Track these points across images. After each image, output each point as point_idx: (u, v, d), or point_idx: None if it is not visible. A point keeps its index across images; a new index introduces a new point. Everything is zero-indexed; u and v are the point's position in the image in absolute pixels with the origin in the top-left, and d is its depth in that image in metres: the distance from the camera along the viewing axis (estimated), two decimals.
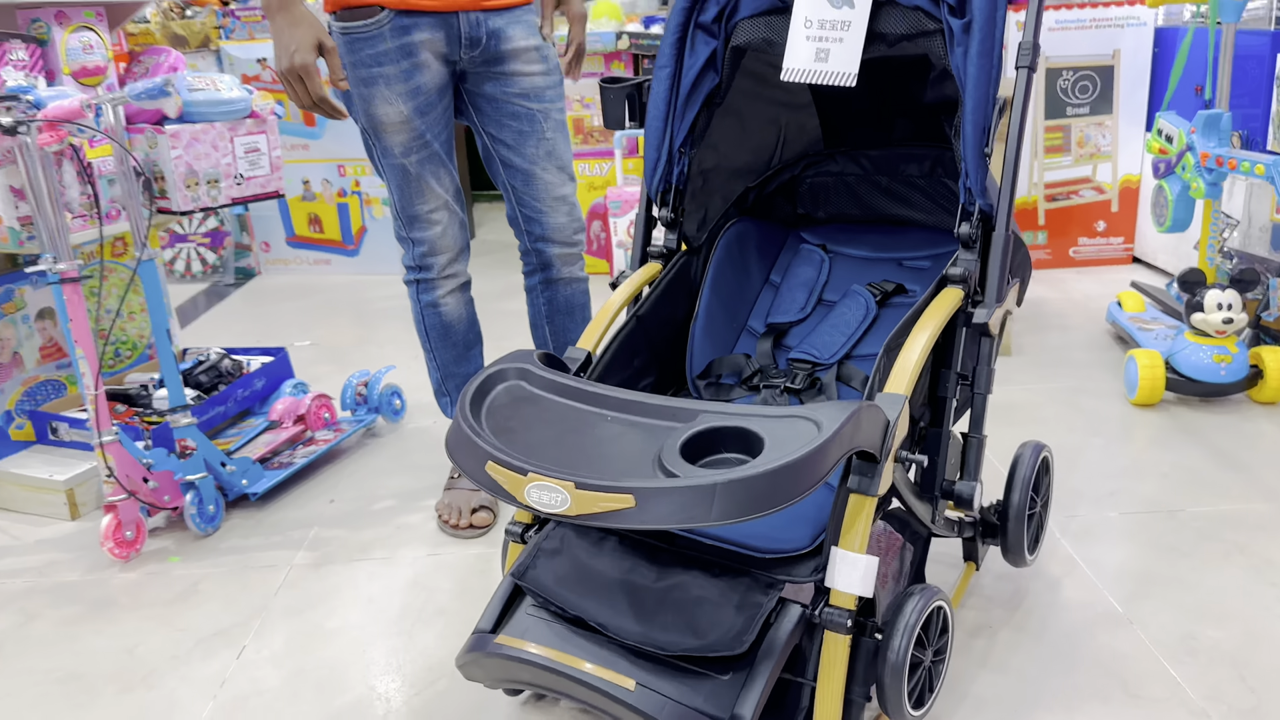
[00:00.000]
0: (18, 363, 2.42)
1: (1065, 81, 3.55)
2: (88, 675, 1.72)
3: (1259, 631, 1.65)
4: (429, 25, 1.88)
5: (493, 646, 1.30)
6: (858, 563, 1.23)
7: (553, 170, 2.06)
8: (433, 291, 2.10)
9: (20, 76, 2.19)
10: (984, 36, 1.41)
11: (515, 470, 1.11)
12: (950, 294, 1.47)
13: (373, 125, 1.95)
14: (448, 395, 2.23)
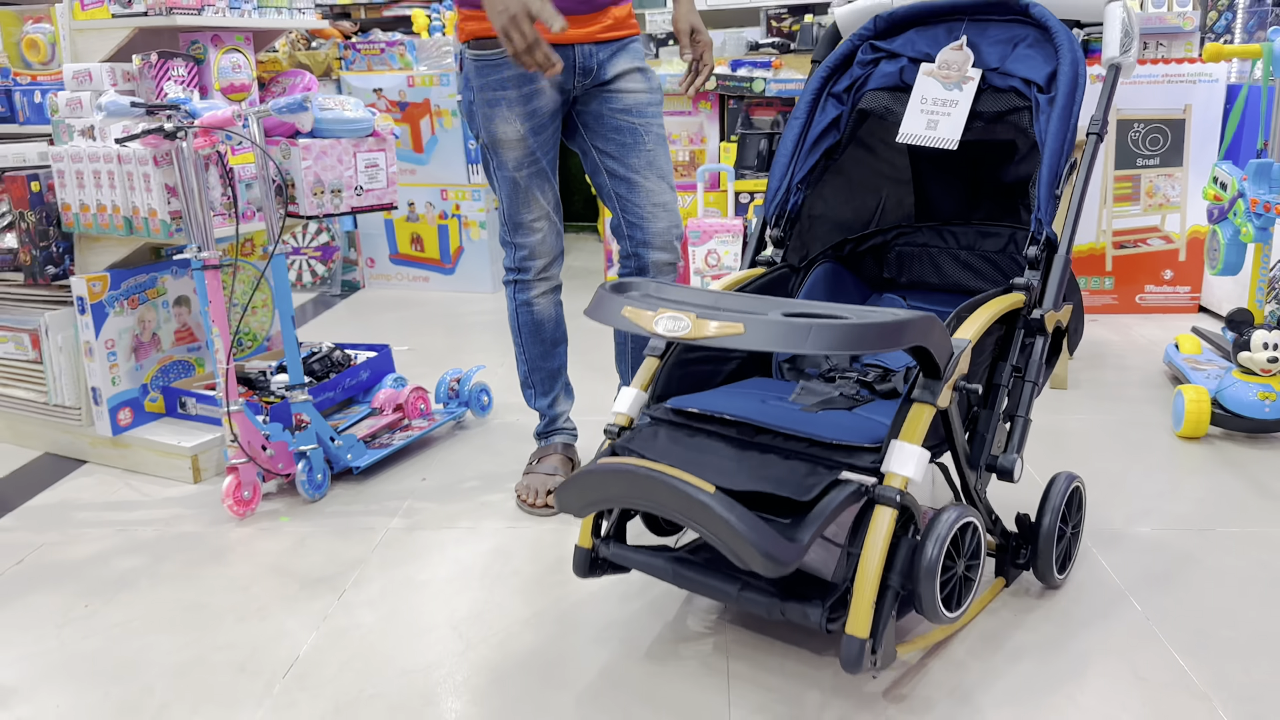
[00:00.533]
0: (156, 343, 2.73)
1: (1136, 133, 3.68)
2: (210, 606, 1.98)
3: (1270, 633, 1.77)
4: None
5: (596, 465, 1.52)
6: (912, 452, 1.47)
7: (654, 179, 2.25)
8: (528, 291, 2.32)
9: (179, 90, 2.51)
10: (1064, 105, 1.76)
11: (646, 308, 1.37)
12: (1014, 296, 1.75)
13: (492, 141, 2.18)
14: (533, 388, 2.44)
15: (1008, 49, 1.87)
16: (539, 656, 1.77)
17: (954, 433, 1.62)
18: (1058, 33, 1.81)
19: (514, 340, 2.42)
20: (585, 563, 1.77)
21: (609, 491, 1.54)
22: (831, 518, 1.46)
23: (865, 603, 1.45)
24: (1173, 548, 2.08)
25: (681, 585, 1.68)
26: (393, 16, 5.16)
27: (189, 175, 2.29)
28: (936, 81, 1.91)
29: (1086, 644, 1.75)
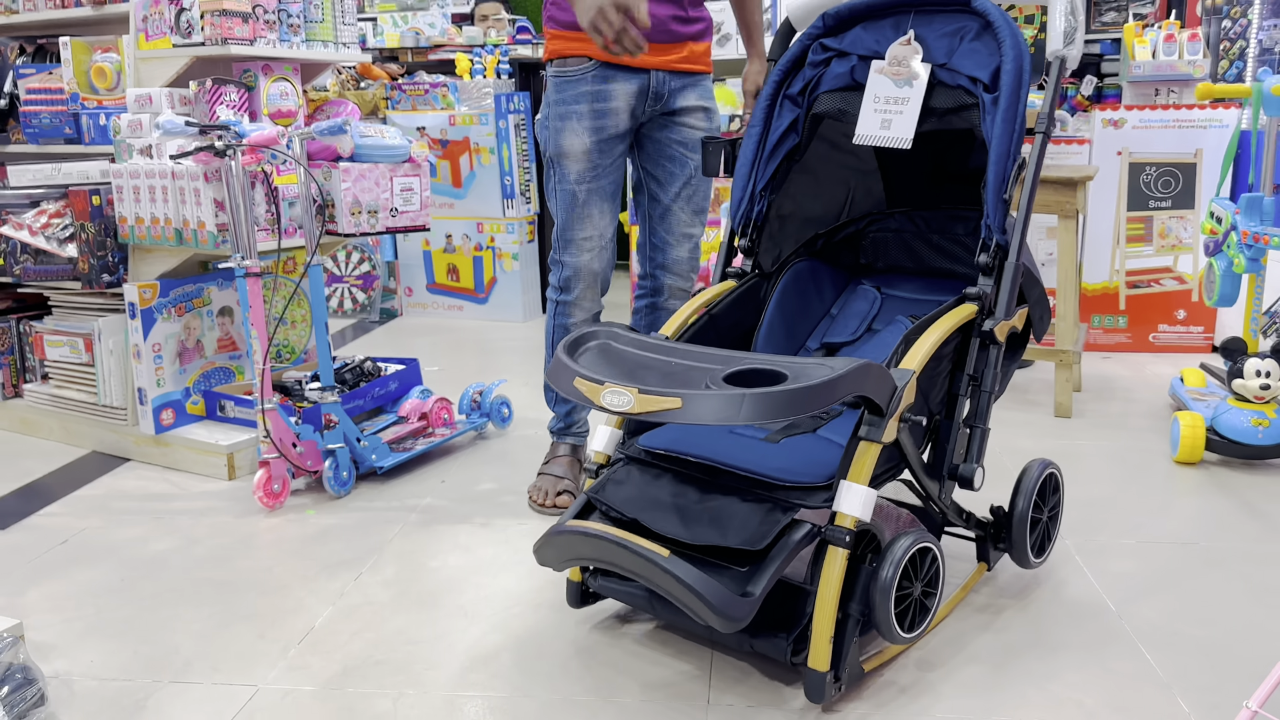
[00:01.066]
0: (200, 350, 2.91)
1: (1148, 176, 3.78)
2: (234, 582, 2.12)
3: (1238, 633, 1.84)
4: (624, 78, 2.25)
5: (564, 527, 1.63)
6: (860, 492, 1.55)
7: (688, 211, 2.41)
8: (567, 316, 2.41)
9: (230, 114, 2.71)
10: (1007, 106, 1.77)
11: (594, 382, 1.47)
12: (966, 308, 1.79)
13: (558, 152, 2.30)
14: (554, 393, 2.57)
15: (955, 41, 1.87)
16: (535, 633, 1.88)
17: (908, 456, 1.69)
18: (999, 25, 1.80)
19: (547, 352, 2.54)
20: (576, 595, 1.90)
21: (579, 552, 1.66)
22: (785, 564, 1.54)
23: (823, 639, 1.55)
24: (1155, 559, 2.15)
25: (659, 617, 1.79)
26: (437, 60, 5.41)
27: (235, 190, 2.47)
28: (888, 79, 1.93)
29: (1060, 638, 1.83)
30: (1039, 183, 1.92)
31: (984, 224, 1.80)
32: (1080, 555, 2.16)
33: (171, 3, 2.73)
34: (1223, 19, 3.99)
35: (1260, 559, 2.14)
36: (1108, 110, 3.80)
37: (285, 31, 2.81)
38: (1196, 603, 1.96)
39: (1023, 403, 3.29)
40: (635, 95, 2.27)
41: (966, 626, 1.88)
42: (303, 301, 3.24)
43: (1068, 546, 2.20)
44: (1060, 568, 2.10)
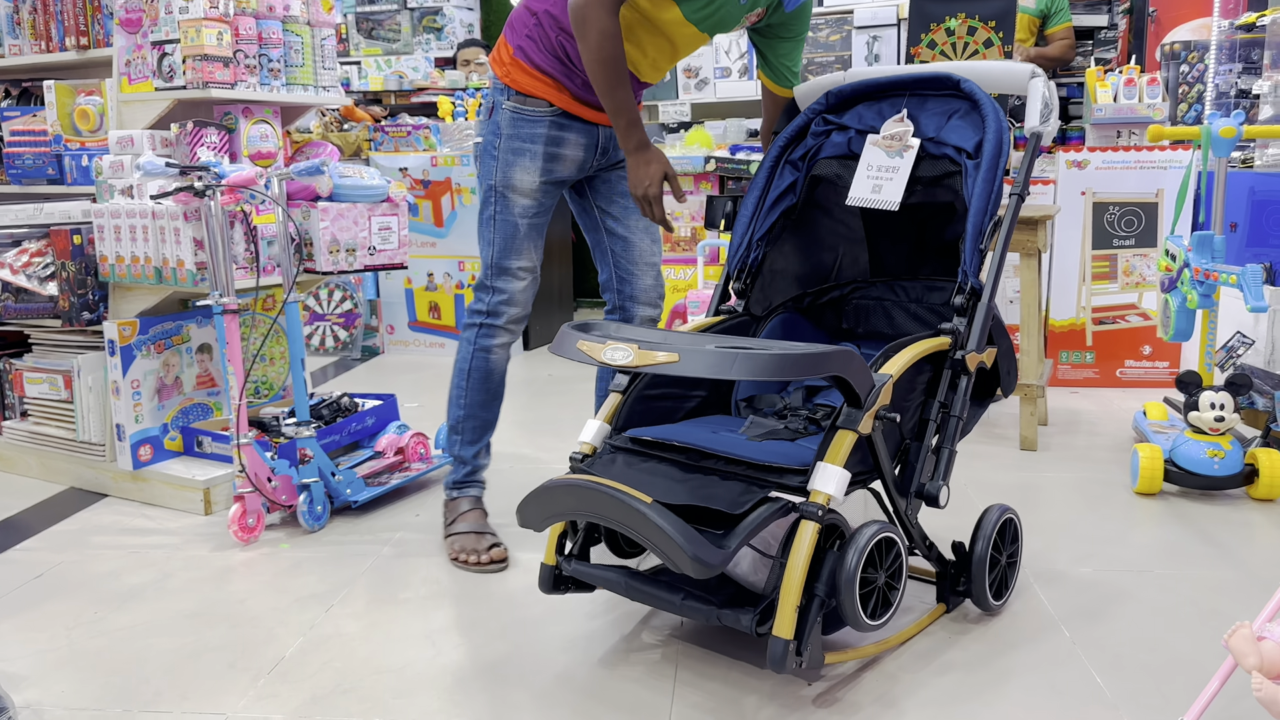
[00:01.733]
0: (178, 386, 2.95)
1: (1112, 215, 3.87)
2: (207, 614, 2.15)
3: (1186, 658, 1.89)
4: (580, 130, 2.32)
5: (549, 481, 1.71)
6: (834, 473, 1.65)
7: (647, 241, 2.48)
8: (491, 338, 2.39)
9: (211, 155, 2.77)
10: (988, 169, 1.96)
11: (597, 341, 1.59)
12: (941, 339, 1.93)
13: (506, 185, 2.31)
14: (461, 435, 2.46)
15: (943, 120, 2.07)
16: (503, 662, 1.92)
17: (880, 460, 1.78)
18: (984, 105, 2.01)
19: (455, 384, 2.45)
20: (550, 579, 1.93)
21: (561, 505, 1.73)
22: (758, 529, 1.62)
23: (790, 606, 1.60)
24: (1109, 585, 2.20)
25: (632, 597, 1.84)
26: (420, 103, 5.51)
27: (214, 230, 2.53)
28: (881, 150, 2.10)
29: (1012, 662, 1.88)
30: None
31: (961, 270, 1.96)
32: (1037, 582, 2.21)
33: (154, 47, 2.80)
34: (1180, 64, 4.11)
35: (1210, 585, 2.19)
36: (1071, 151, 3.91)
37: (266, 75, 2.88)
38: (1146, 626, 2.01)
39: (989, 436, 3.35)
40: (586, 148, 2.34)
41: (924, 647, 1.92)
42: (281, 338, 3.29)
43: (1025, 573, 2.25)
44: (1018, 593, 2.15)
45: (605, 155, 2.39)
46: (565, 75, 2.27)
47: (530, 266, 2.40)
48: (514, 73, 2.31)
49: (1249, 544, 2.42)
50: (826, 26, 5.06)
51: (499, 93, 2.34)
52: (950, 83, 2.09)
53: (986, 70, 2.13)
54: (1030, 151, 2.06)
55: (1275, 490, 2.65)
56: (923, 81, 2.12)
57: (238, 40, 2.80)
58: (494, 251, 2.37)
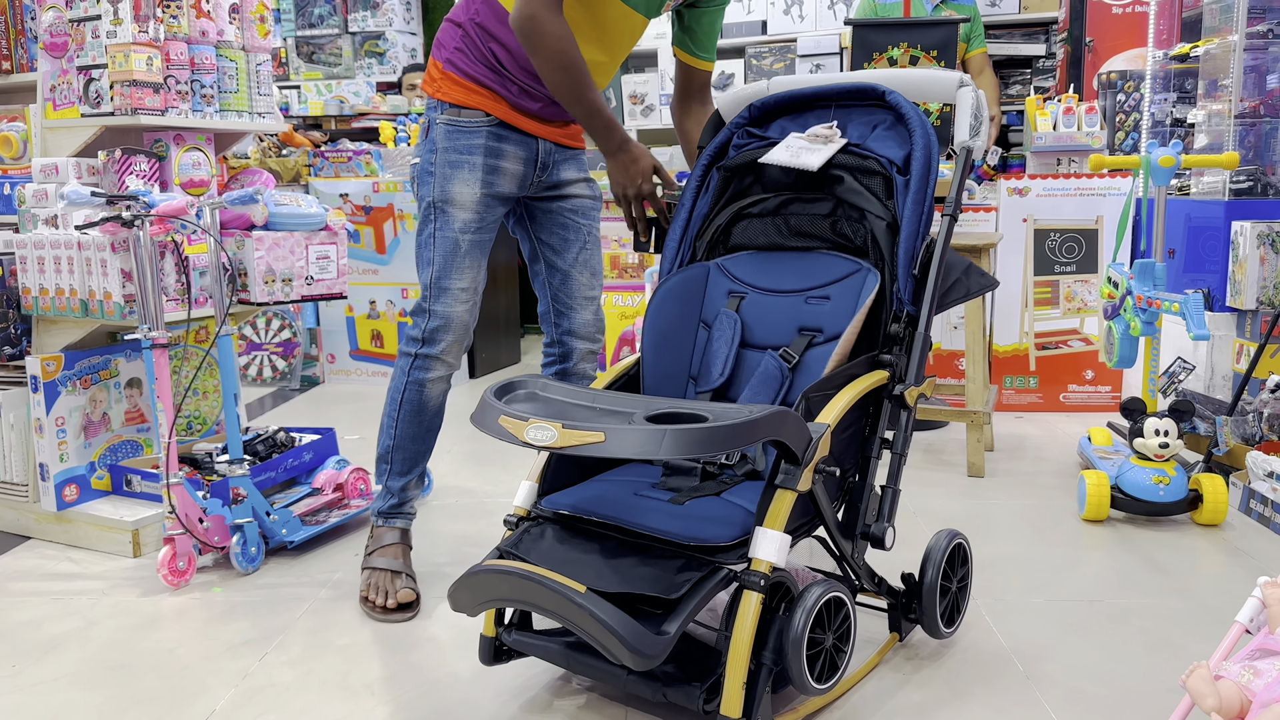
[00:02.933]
0: (106, 423, 2.84)
1: (1053, 242, 3.91)
2: (133, 665, 2.05)
3: (1136, 689, 1.87)
4: (518, 141, 2.23)
5: (479, 567, 1.62)
6: (775, 538, 1.58)
7: (586, 275, 2.41)
8: (427, 370, 2.27)
9: (140, 183, 2.68)
10: (918, 189, 1.89)
11: (518, 419, 1.49)
12: (878, 374, 1.85)
13: (445, 199, 2.20)
14: (390, 464, 2.37)
15: (868, 130, 2.00)
16: (444, 712, 1.85)
17: (822, 510, 1.72)
18: (910, 119, 1.93)
19: (386, 411, 2.35)
20: (490, 651, 1.87)
21: (493, 592, 1.64)
22: (700, 606, 1.55)
23: (735, 685, 1.55)
24: (1060, 616, 2.19)
25: (575, 670, 1.77)
26: (361, 128, 5.43)
27: (144, 262, 2.44)
28: (803, 141, 2.02)
29: (966, 698, 1.85)
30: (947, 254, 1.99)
31: (894, 296, 1.88)
32: (989, 614, 2.19)
33: (81, 72, 2.71)
34: (1118, 93, 4.18)
35: (1159, 614, 2.19)
36: (1013, 179, 3.95)
37: (198, 101, 2.80)
38: (1099, 658, 1.99)
39: (937, 463, 3.35)
40: (525, 161, 2.26)
41: (881, 684, 1.89)
42: (214, 370, 3.19)
43: (978, 605, 2.23)
44: (971, 627, 2.13)
45: (545, 171, 2.31)
46: (499, 84, 2.21)
47: (470, 288, 2.27)
48: (445, 86, 2.23)
49: (1195, 571, 2.43)
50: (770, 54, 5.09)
51: (433, 110, 2.27)
52: (875, 94, 2.01)
53: (913, 79, 2.06)
54: (961, 168, 1.97)
55: (1219, 516, 2.67)
56: (848, 93, 2.04)
57: (169, 65, 2.72)
58: (433, 271, 2.25)
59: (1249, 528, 2.71)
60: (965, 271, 2.01)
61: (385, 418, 2.36)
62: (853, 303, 1.94)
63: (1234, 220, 3.28)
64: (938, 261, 1.90)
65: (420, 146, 2.31)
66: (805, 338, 1.99)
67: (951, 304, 2.00)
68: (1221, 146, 3.53)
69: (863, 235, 1.99)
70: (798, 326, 2.00)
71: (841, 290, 1.97)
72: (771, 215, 2.09)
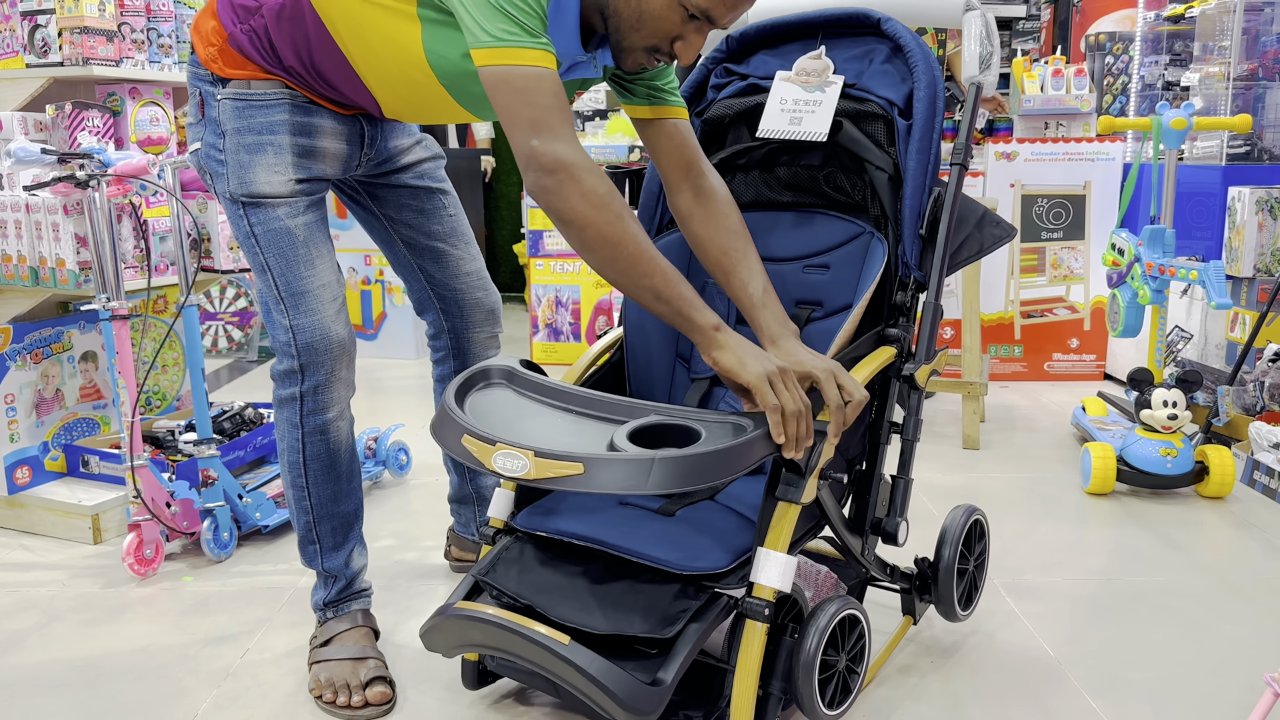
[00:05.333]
0: (59, 399, 2.64)
1: (1040, 208, 3.84)
2: (102, 665, 1.88)
3: (1177, 676, 1.80)
4: (334, 116, 1.72)
5: (452, 610, 1.45)
6: (778, 560, 1.41)
7: (460, 245, 1.97)
8: (323, 410, 1.74)
9: (94, 140, 2.47)
10: (922, 135, 1.67)
11: (485, 441, 1.31)
12: (884, 351, 1.65)
13: (250, 193, 1.66)
14: (318, 543, 1.82)
15: (864, 64, 1.77)
16: (435, 714, 1.71)
17: (829, 515, 1.57)
18: (911, 50, 1.70)
19: (289, 482, 1.80)
20: (473, 675, 1.72)
21: (469, 639, 1.49)
22: (698, 646, 1.40)
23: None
24: (1082, 597, 2.11)
25: (564, 699, 1.63)
26: None
27: (100, 224, 2.24)
28: (795, 86, 1.80)
29: (1001, 689, 1.76)
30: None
31: (899, 260, 1.69)
32: (1009, 595, 2.11)
33: (25, 18, 2.48)
34: (1105, 55, 4.10)
35: (1181, 593, 2.12)
36: (1000, 143, 3.86)
37: (155, 52, 2.59)
38: (1130, 643, 1.92)
39: (930, 435, 3.27)
40: (348, 139, 1.75)
41: (905, 679, 1.79)
42: (174, 343, 2.99)
43: (996, 586, 2.15)
44: (992, 611, 2.04)
45: (373, 146, 1.82)
46: (297, 81, 1.68)
47: (330, 283, 1.72)
48: (226, 61, 1.68)
49: (1209, 546, 2.37)
50: None
51: (207, 83, 1.70)
52: (869, 21, 1.77)
53: (911, 3, 1.84)
54: (971, 106, 1.76)
55: (1225, 488, 2.62)
56: (838, 20, 1.80)
57: (123, 12, 2.50)
58: (274, 277, 1.68)
59: (1254, 499, 2.67)
60: (978, 223, 1.79)
61: (290, 489, 1.80)
62: (855, 272, 1.76)
63: (1231, 186, 3.22)
64: (947, 219, 1.68)
65: (195, 127, 1.76)
66: (804, 311, 1.80)
67: (964, 263, 1.79)
68: (1216, 110, 3.46)
69: (861, 188, 1.78)
70: (795, 300, 1.81)
71: (842, 258, 1.78)
72: (759, 168, 1.88)
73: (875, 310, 1.72)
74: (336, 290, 1.73)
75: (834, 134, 1.76)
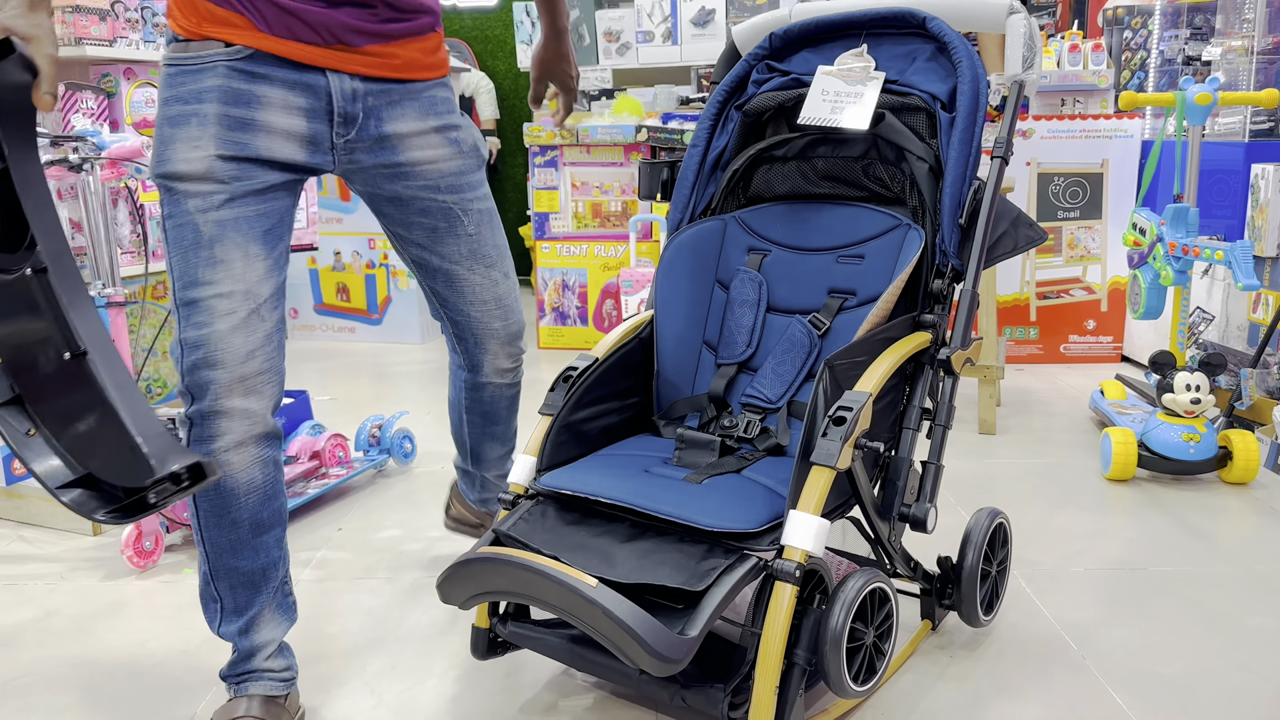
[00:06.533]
0: None
1: (1056, 187, 3.76)
2: (101, 660, 1.84)
3: (1204, 669, 1.74)
4: (287, 81, 1.45)
5: (473, 555, 1.41)
6: (810, 523, 1.38)
7: (479, 270, 1.70)
8: (209, 441, 1.45)
9: (88, 123, 2.42)
10: (964, 128, 1.68)
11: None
12: (919, 336, 1.65)
13: (165, 171, 1.42)
14: (218, 600, 1.54)
15: (906, 64, 1.79)
16: (451, 708, 1.67)
17: (860, 489, 1.54)
18: (956, 48, 1.73)
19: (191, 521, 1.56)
20: (483, 644, 1.66)
21: (490, 584, 1.44)
22: (727, 602, 1.36)
23: (767, 689, 1.37)
24: (1104, 587, 2.05)
25: (580, 668, 1.58)
26: None
27: (94, 209, 2.19)
28: (837, 79, 1.81)
29: (1023, 684, 1.71)
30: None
31: (937, 248, 1.70)
32: (1029, 586, 2.05)
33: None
34: (1124, 29, 4.01)
35: (1207, 583, 2.06)
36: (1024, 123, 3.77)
37: (150, 32, 2.53)
38: (1155, 635, 1.86)
39: None
40: (307, 112, 1.47)
41: (922, 675, 1.74)
42: (172, 328, 2.94)
43: (1015, 576, 2.09)
44: (1012, 602, 1.98)
45: (353, 125, 1.52)
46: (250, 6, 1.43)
47: (230, 293, 1.41)
48: (174, 10, 1.46)
49: (1235, 534, 2.31)
50: None
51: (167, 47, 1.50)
52: (914, 21, 1.78)
53: (956, 5, 1.83)
54: (1013, 104, 1.78)
55: (1250, 474, 2.55)
56: (882, 20, 1.82)
57: None
58: (173, 279, 1.44)
59: (1278, 485, 2.60)
60: (1014, 222, 1.81)
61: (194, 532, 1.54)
62: (891, 262, 1.76)
63: (1254, 163, 3.13)
64: (987, 209, 1.70)
65: None
66: (837, 300, 1.80)
67: (999, 259, 1.81)
68: (1238, 85, 3.37)
69: (900, 180, 1.81)
70: (828, 288, 1.82)
71: (878, 248, 1.78)
72: (797, 159, 1.91)
73: (911, 298, 1.73)
74: (240, 303, 1.41)
75: (874, 125, 1.78)
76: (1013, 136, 1.78)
